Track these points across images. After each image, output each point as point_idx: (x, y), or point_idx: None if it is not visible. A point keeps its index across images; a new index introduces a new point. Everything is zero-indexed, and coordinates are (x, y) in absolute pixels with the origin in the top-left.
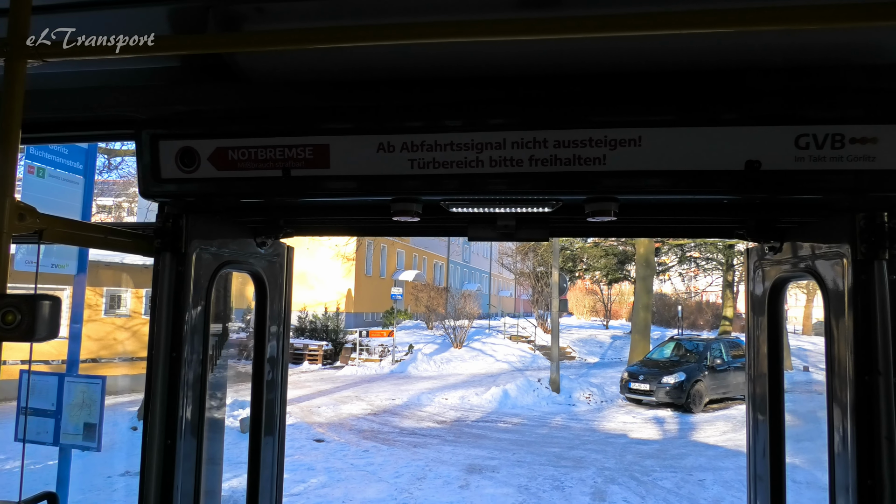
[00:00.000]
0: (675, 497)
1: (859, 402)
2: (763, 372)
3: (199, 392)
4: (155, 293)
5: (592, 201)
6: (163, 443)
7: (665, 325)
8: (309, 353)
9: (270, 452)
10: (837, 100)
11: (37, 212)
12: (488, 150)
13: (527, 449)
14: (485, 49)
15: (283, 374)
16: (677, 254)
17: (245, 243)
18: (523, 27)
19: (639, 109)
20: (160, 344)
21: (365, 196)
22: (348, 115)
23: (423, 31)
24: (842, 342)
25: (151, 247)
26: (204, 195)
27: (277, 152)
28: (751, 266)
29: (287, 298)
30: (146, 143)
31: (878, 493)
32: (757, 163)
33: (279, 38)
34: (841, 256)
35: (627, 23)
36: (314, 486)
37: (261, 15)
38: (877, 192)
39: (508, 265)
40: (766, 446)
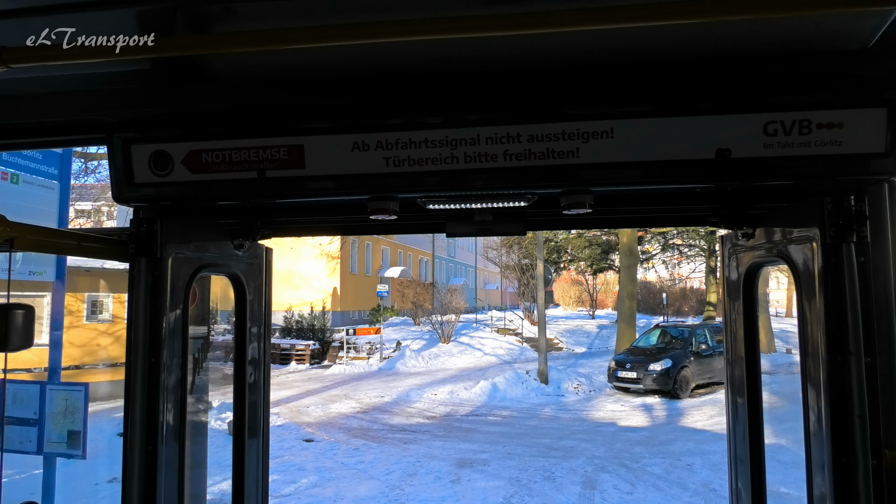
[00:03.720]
0: (664, 482)
1: (832, 381)
2: (741, 356)
3: (179, 396)
4: (131, 298)
5: (568, 194)
6: (144, 449)
7: (650, 313)
8: (296, 353)
9: (255, 454)
10: (804, 86)
11: (7, 220)
12: (463, 146)
13: (517, 441)
14: (456, 46)
15: (266, 376)
16: (660, 242)
17: (222, 246)
18: (494, 23)
19: (610, 102)
20: (138, 349)
21: (341, 195)
22: (322, 115)
23: (394, 29)
24: (814, 324)
25: (126, 252)
26: (178, 198)
27: (252, 153)
28: (725, 253)
29: (267, 300)
30: (118, 147)
31: (853, 469)
32: (727, 151)
33: (249, 39)
34: (811, 240)
35: (594, 16)
36: (305, 486)
37: (230, 15)
38: (844, 176)
39: (494, 259)
40: (746, 429)
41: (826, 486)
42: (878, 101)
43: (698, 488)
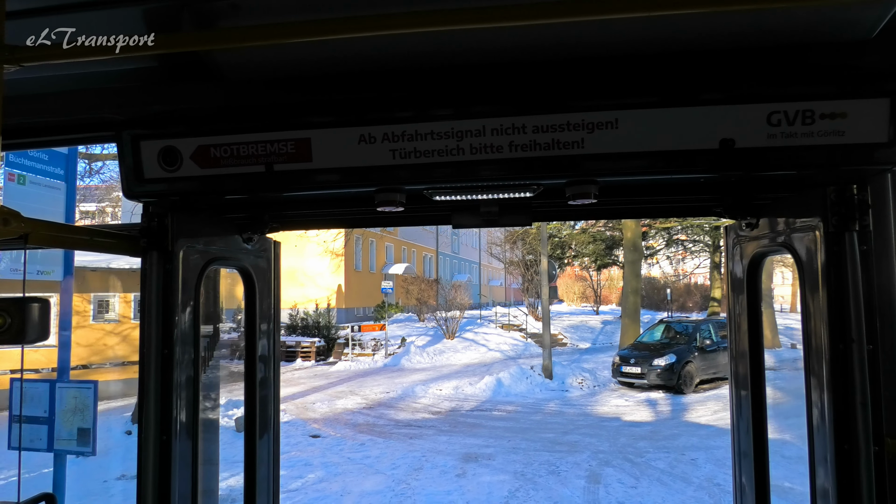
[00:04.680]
0: (668, 477)
1: (835, 369)
2: (745, 349)
3: (192, 386)
4: (144, 292)
5: (572, 184)
6: (158, 439)
7: (655, 309)
8: (301, 351)
9: (266, 449)
10: (807, 77)
11: (21, 216)
12: (468, 137)
13: (522, 436)
14: (461, 38)
15: (276, 370)
16: (665, 237)
17: (232, 240)
18: (496, 15)
19: (615, 93)
20: (151, 342)
21: (348, 188)
22: (328, 109)
23: (398, 21)
24: (817, 312)
25: (138, 247)
26: (188, 193)
27: (259, 148)
28: (729, 243)
29: (276, 293)
30: (127, 143)
31: (855, 456)
32: (731, 141)
33: (254, 34)
34: (814, 229)
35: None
36: (312, 481)
37: (235, 11)
38: (847, 166)
39: (498, 255)
40: (749, 423)
41: (828, 472)
42: (881, 91)
43: (702, 483)
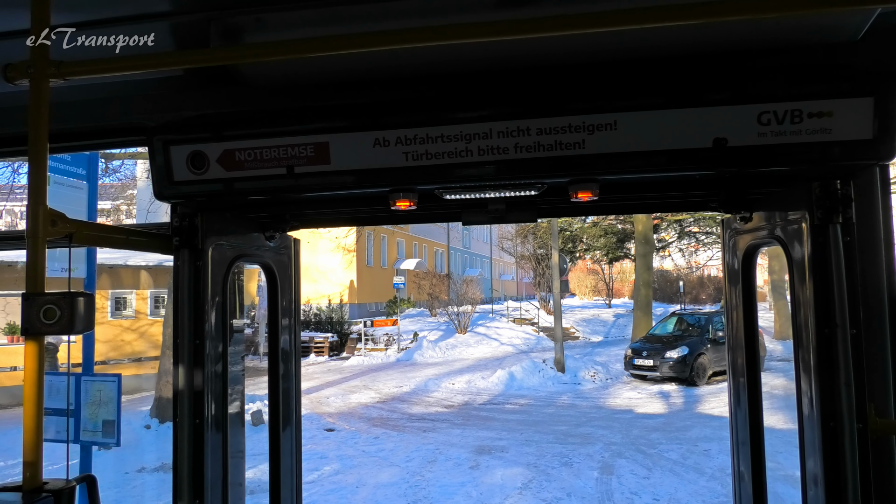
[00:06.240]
0: (681, 468)
1: (820, 352)
2: (741, 340)
3: (222, 373)
4: (176, 286)
5: (575, 183)
6: (192, 423)
7: (667, 301)
8: (315, 346)
9: (289, 442)
10: (795, 78)
11: (66, 217)
12: (476, 140)
13: (534, 428)
14: (469, 48)
15: (297, 364)
16: (676, 230)
17: (255, 237)
18: (502, 28)
19: (614, 96)
20: (184, 333)
21: (364, 188)
22: (345, 114)
23: (411, 36)
24: (804, 299)
25: (170, 245)
26: (214, 195)
27: (281, 151)
28: (726, 237)
29: (297, 289)
30: (158, 148)
31: (840, 432)
32: (724, 140)
33: (278, 48)
34: (801, 222)
35: (594, 20)
36: (328, 473)
37: (260, 25)
38: (833, 162)
39: (509, 249)
40: (747, 413)
41: (816, 448)
42: (866, 90)
43: (715, 473)
